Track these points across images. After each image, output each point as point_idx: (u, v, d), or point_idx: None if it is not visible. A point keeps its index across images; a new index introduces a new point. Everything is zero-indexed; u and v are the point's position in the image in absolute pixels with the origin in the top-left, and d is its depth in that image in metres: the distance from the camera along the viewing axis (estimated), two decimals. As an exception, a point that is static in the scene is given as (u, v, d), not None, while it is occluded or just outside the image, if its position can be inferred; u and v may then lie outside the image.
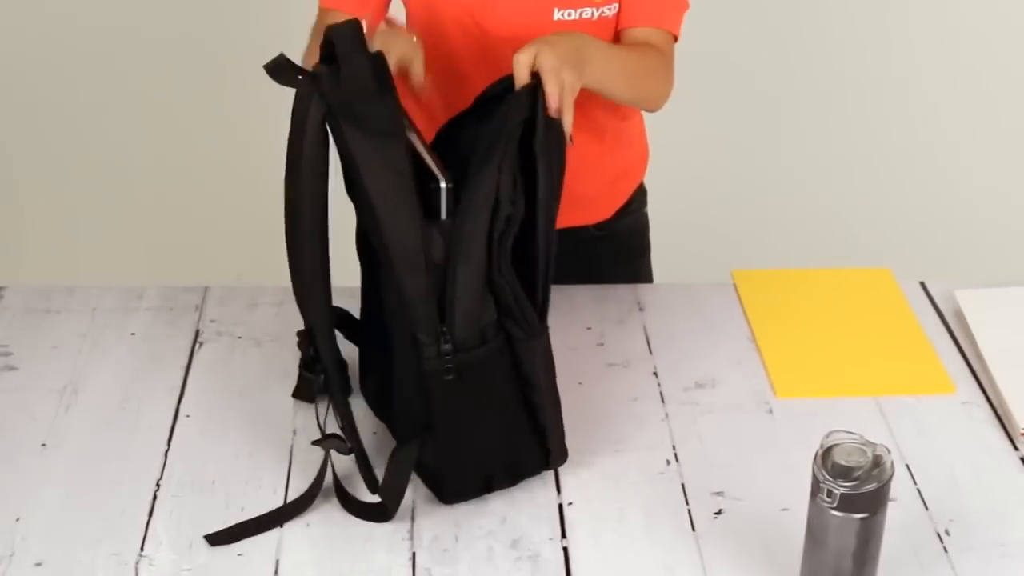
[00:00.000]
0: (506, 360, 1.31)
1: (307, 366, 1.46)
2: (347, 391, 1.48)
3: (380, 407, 1.48)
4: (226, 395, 1.54)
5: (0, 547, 1.31)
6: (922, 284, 1.77)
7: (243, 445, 1.46)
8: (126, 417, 1.50)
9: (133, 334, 1.65)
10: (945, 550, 1.33)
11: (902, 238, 2.94)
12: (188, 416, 1.51)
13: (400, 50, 1.40)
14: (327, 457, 1.38)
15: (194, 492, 1.39)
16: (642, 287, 1.75)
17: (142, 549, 1.32)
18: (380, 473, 1.35)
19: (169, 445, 1.46)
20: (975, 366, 1.60)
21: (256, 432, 1.48)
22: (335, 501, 1.37)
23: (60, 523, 1.35)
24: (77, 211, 2.93)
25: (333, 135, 1.27)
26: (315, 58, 1.33)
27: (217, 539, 1.32)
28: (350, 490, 1.38)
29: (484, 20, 1.59)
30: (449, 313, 1.27)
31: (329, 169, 1.29)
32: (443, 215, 1.26)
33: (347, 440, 1.36)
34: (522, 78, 1.34)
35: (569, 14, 1.57)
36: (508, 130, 1.27)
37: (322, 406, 1.42)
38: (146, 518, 1.35)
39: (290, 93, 1.29)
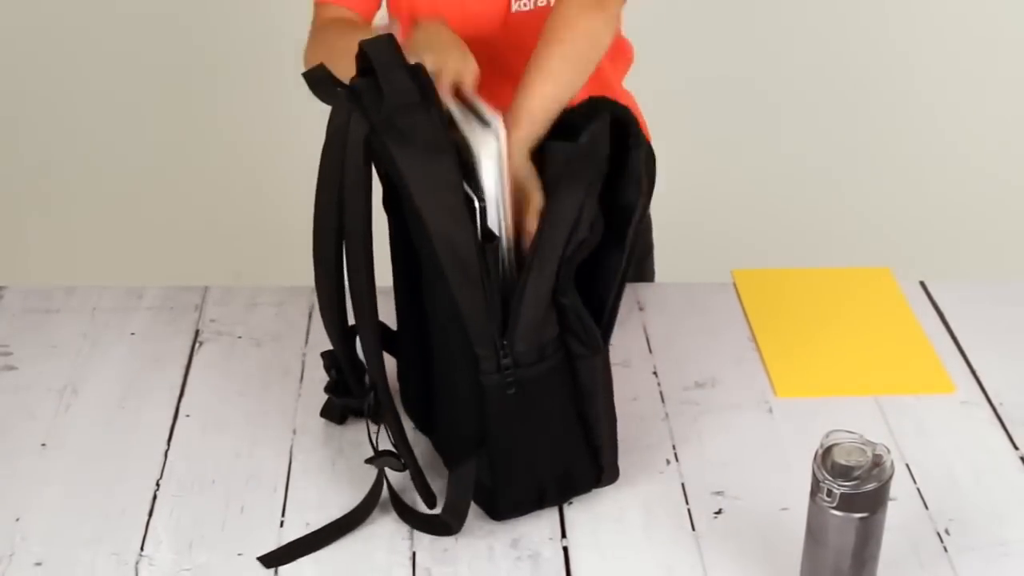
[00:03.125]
0: (565, 377, 1.29)
1: (335, 389, 1.46)
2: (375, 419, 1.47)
3: (422, 419, 1.47)
4: (226, 395, 1.54)
5: (0, 547, 1.31)
6: (922, 284, 1.77)
7: (243, 444, 1.46)
8: (126, 417, 1.50)
9: (133, 334, 1.65)
10: (945, 550, 1.33)
11: (902, 238, 2.94)
12: (188, 416, 1.51)
13: (454, 66, 1.34)
14: (381, 475, 1.36)
15: (194, 492, 1.39)
16: (642, 286, 1.75)
17: (142, 549, 1.32)
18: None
19: (169, 445, 1.46)
20: (975, 366, 1.60)
21: (256, 431, 1.48)
22: (335, 500, 1.37)
23: (60, 523, 1.35)
24: (77, 211, 2.93)
25: (376, 154, 1.24)
26: (319, 59, 1.29)
27: (270, 561, 1.30)
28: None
29: (451, 16, 1.51)
30: (511, 328, 1.24)
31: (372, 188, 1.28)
32: (478, 235, 1.23)
33: (402, 458, 1.34)
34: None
35: (525, 5, 1.55)
36: (598, 155, 1.26)
37: (368, 421, 1.40)
38: (146, 518, 1.35)
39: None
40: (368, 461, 1.37)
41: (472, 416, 1.31)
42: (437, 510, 1.34)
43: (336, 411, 1.49)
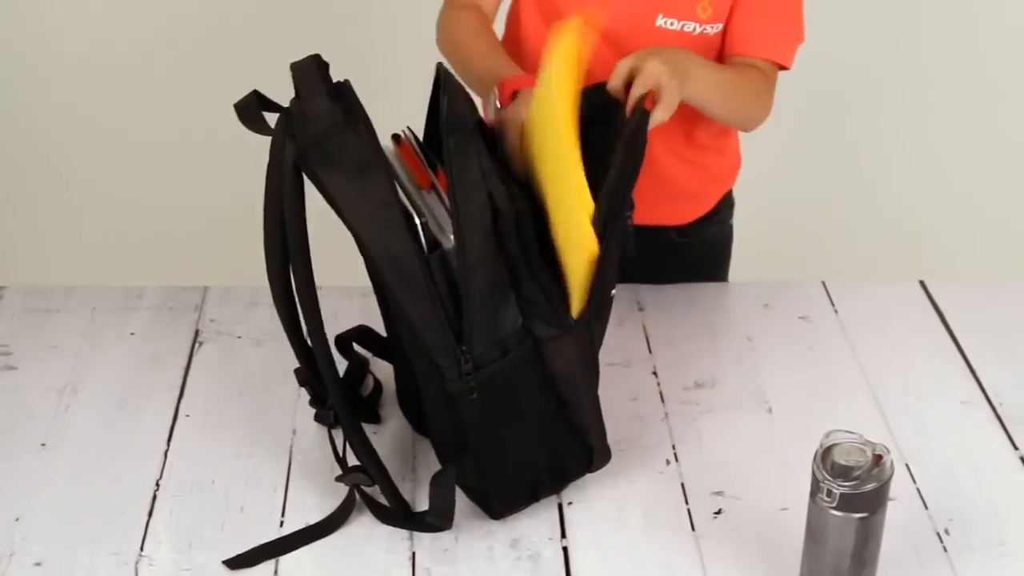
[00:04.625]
0: (532, 366, 1.28)
1: (315, 400, 1.46)
2: (368, 419, 1.47)
3: (417, 422, 1.47)
4: (226, 395, 1.54)
5: (0, 547, 1.31)
6: (922, 284, 1.77)
7: (243, 445, 1.46)
8: (126, 417, 1.50)
9: (133, 334, 1.65)
10: (945, 549, 1.33)
11: (902, 238, 2.94)
12: (188, 416, 1.51)
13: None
14: (352, 492, 1.36)
15: (194, 492, 1.39)
16: (642, 287, 1.75)
17: (142, 549, 1.32)
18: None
19: (169, 445, 1.46)
20: (975, 366, 1.60)
21: (255, 432, 1.48)
22: (335, 500, 1.37)
23: (60, 523, 1.35)
24: (77, 211, 2.93)
25: (309, 177, 1.24)
26: (446, 51, 1.43)
27: (236, 563, 1.30)
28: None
29: (592, 11, 1.55)
30: (467, 332, 1.23)
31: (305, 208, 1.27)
32: (424, 249, 1.22)
33: (370, 474, 1.34)
34: (617, 80, 1.34)
35: (672, 23, 1.57)
36: (475, 140, 1.23)
37: (338, 435, 1.39)
38: (146, 518, 1.35)
39: (289, 93, 1.28)
40: (338, 479, 1.36)
41: (450, 422, 1.31)
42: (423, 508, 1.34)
43: (326, 418, 1.48)
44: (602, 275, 1.29)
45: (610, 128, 1.33)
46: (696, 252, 1.82)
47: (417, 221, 1.22)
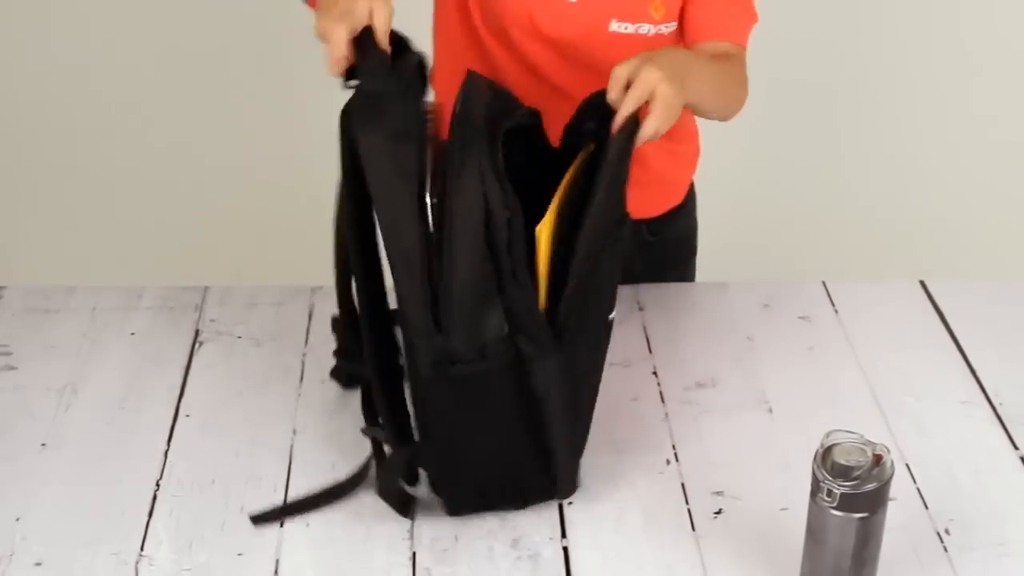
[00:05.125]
0: (510, 378, 1.25)
1: (343, 353, 1.47)
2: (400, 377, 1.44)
3: None
4: (226, 394, 1.54)
5: (0, 547, 1.31)
6: (922, 284, 1.77)
7: (243, 444, 1.46)
8: (126, 417, 1.50)
9: (133, 334, 1.65)
10: (945, 550, 1.33)
11: (902, 238, 2.94)
12: (188, 416, 1.51)
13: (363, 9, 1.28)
14: (373, 449, 1.37)
15: (194, 491, 1.39)
16: (642, 287, 1.75)
17: (142, 549, 1.32)
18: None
19: (169, 445, 1.46)
20: (975, 366, 1.60)
21: (256, 431, 1.48)
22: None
23: (60, 523, 1.35)
24: (77, 211, 2.93)
25: (349, 130, 1.25)
26: None
27: (260, 519, 1.33)
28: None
29: (542, 22, 1.56)
30: (445, 325, 1.23)
31: None
32: (431, 227, 1.23)
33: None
34: (615, 90, 1.30)
35: (626, 27, 1.54)
36: (480, 140, 1.24)
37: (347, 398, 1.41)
38: (146, 517, 1.35)
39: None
40: (364, 432, 1.38)
41: (417, 406, 1.31)
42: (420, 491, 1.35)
43: (343, 374, 1.49)
44: (594, 294, 1.29)
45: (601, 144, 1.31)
46: (666, 249, 1.82)
47: (428, 200, 1.23)
